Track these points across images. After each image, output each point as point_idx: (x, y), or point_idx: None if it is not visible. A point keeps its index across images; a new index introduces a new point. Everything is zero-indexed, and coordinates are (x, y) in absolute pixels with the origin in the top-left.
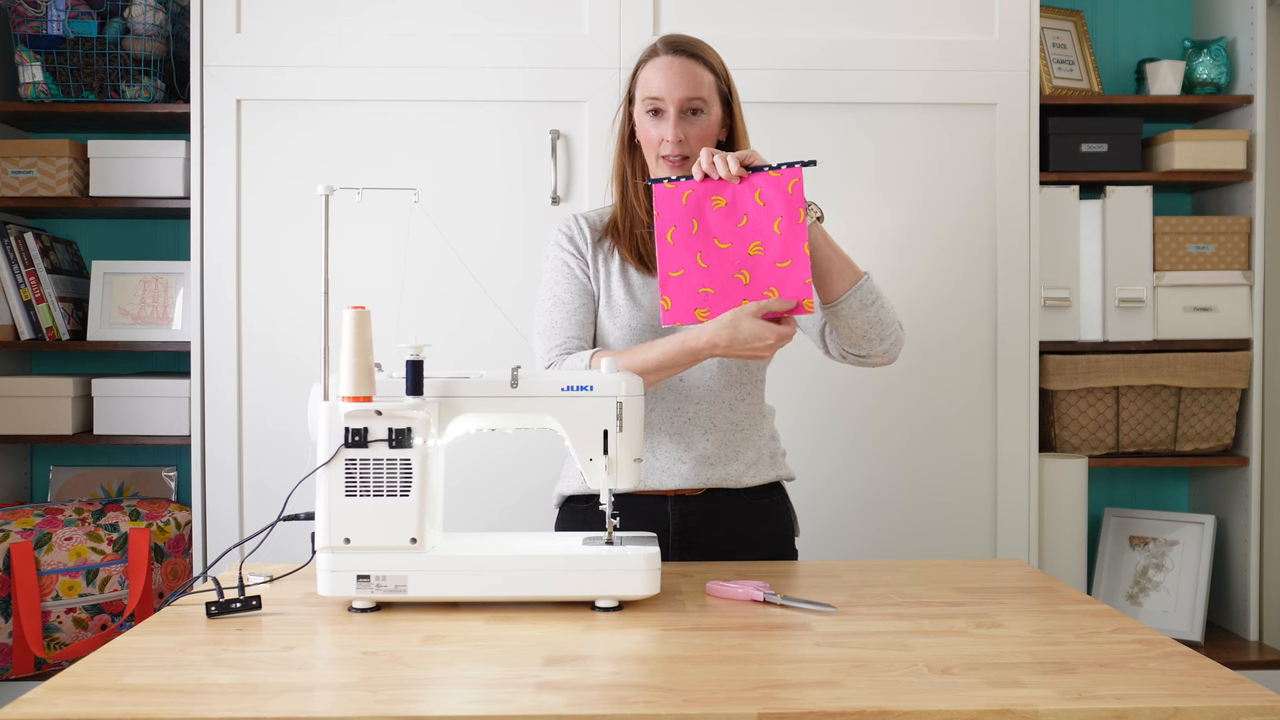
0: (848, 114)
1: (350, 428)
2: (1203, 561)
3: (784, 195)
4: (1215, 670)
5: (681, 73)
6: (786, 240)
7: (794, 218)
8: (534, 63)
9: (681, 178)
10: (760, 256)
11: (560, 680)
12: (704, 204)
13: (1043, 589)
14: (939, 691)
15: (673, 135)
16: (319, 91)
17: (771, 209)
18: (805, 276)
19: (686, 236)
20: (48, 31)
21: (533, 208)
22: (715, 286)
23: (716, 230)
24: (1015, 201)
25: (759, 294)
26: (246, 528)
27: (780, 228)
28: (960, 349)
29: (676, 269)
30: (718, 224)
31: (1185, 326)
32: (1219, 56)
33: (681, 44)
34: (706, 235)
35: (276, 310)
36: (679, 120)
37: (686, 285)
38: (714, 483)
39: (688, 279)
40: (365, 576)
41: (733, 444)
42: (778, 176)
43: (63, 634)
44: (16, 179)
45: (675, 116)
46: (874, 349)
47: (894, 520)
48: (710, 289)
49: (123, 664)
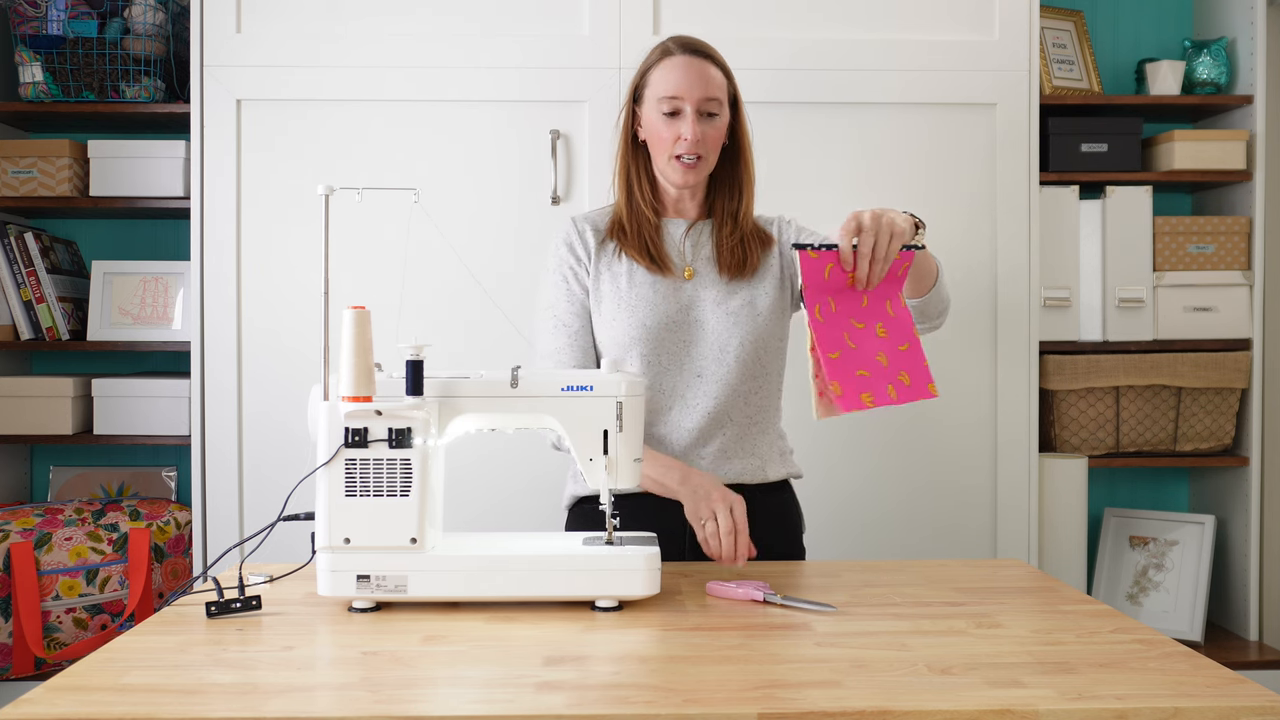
0: (848, 114)
1: (350, 428)
2: (1203, 561)
3: (894, 278)
4: (1215, 670)
5: (699, 73)
6: (901, 323)
7: (899, 301)
8: (534, 63)
9: (823, 246)
10: (886, 339)
11: (560, 680)
12: (840, 279)
13: (1043, 589)
14: (939, 691)
15: (692, 134)
16: (320, 92)
17: (882, 290)
18: (923, 360)
19: (830, 315)
20: (48, 31)
21: (533, 208)
22: (869, 369)
23: (851, 310)
24: (1015, 201)
25: (895, 378)
26: (246, 528)
27: (893, 309)
28: (960, 349)
29: (833, 350)
30: (850, 303)
31: (1185, 326)
32: (1219, 56)
33: (696, 45)
34: (844, 315)
35: (276, 310)
36: (697, 119)
37: (846, 368)
38: (731, 478)
39: (845, 361)
40: (365, 576)
41: (749, 439)
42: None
43: (63, 634)
44: (16, 179)
45: (694, 116)
46: (936, 322)
47: (893, 520)
48: (866, 372)
49: (123, 664)
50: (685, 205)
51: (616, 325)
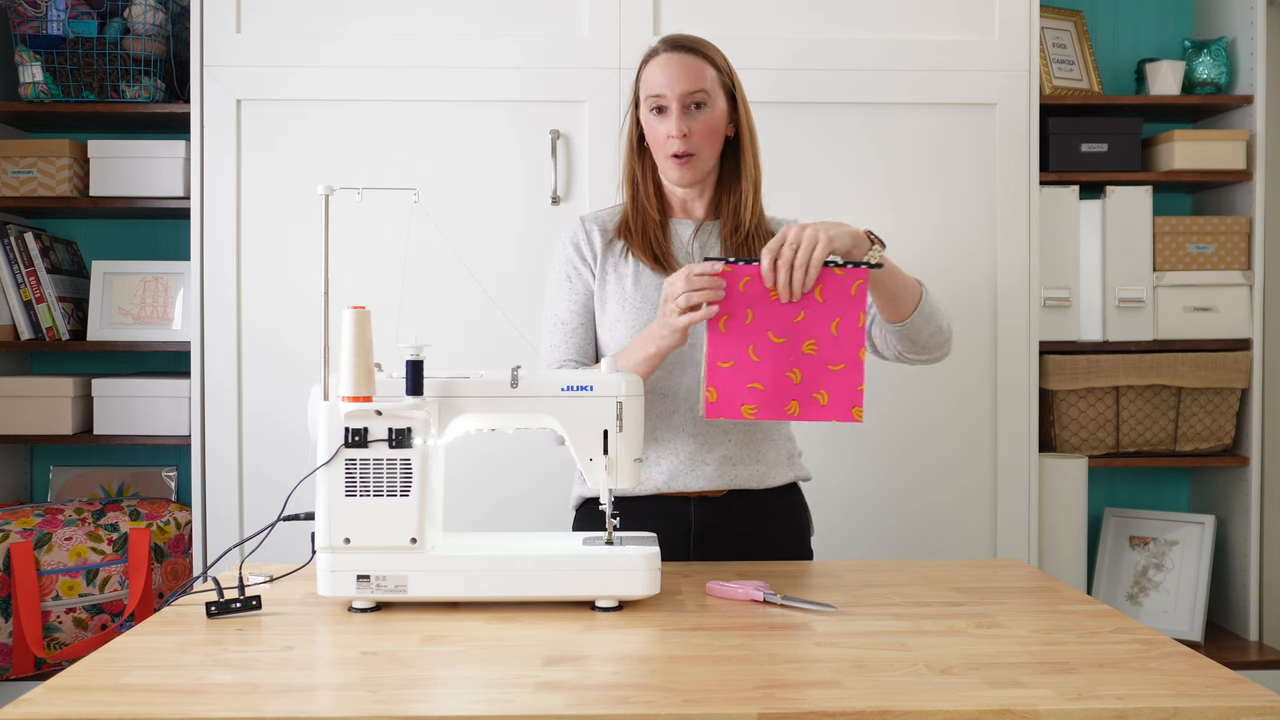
0: (848, 114)
1: (350, 428)
2: (1203, 561)
3: (845, 296)
4: (1215, 670)
5: (681, 67)
6: (843, 343)
7: (854, 321)
8: (534, 63)
9: (741, 261)
10: (814, 356)
11: (560, 680)
12: (762, 293)
13: (1043, 589)
14: (939, 691)
15: (676, 130)
16: (320, 91)
17: (831, 308)
18: (859, 383)
19: (740, 327)
20: (48, 31)
21: (533, 208)
22: (765, 383)
23: (771, 323)
24: (1015, 201)
25: (808, 395)
26: (246, 528)
27: (839, 329)
28: (960, 349)
29: (726, 359)
30: (774, 316)
31: (1185, 326)
32: (1219, 56)
33: (681, 41)
34: (761, 327)
35: (276, 309)
36: (681, 114)
37: (736, 378)
38: (736, 484)
39: (737, 371)
40: (365, 576)
41: (754, 445)
42: (842, 275)
43: (63, 634)
44: (16, 179)
45: (678, 110)
46: (933, 354)
47: (894, 520)
48: (760, 385)
49: (123, 664)
50: (692, 206)
51: (621, 326)
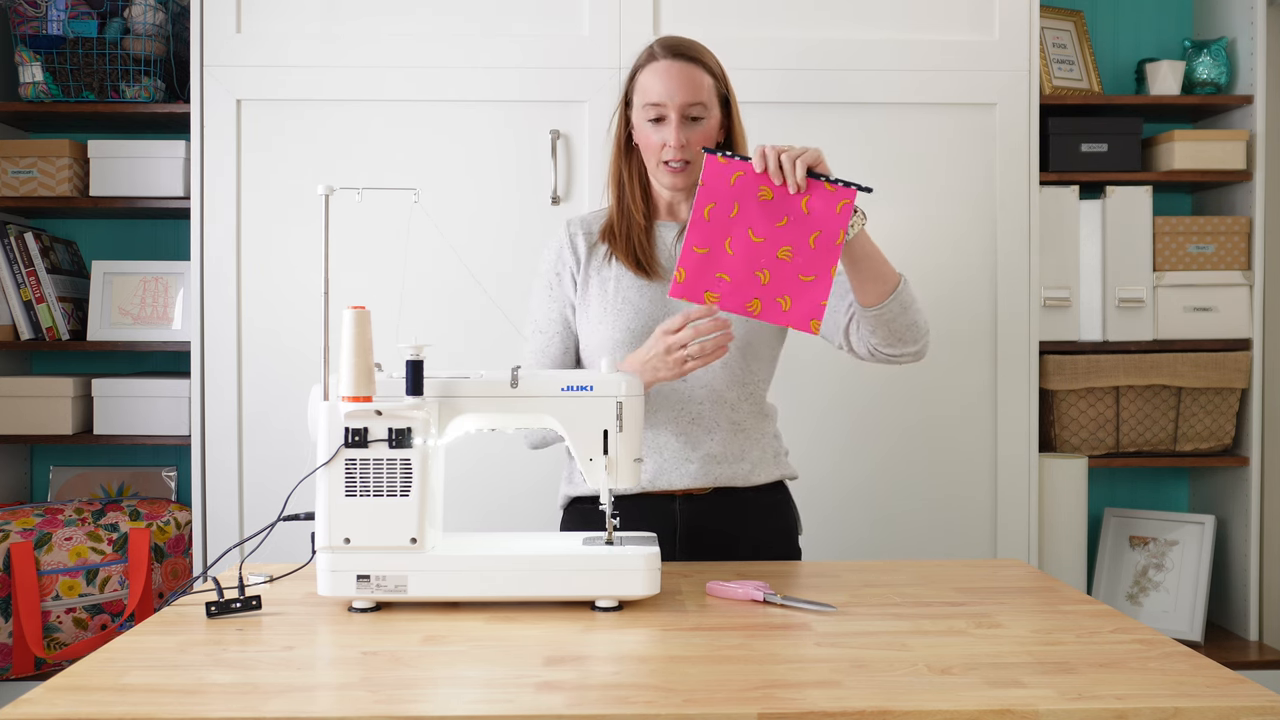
0: (847, 114)
1: (350, 428)
2: (1203, 561)
3: (830, 212)
4: (1215, 670)
5: (681, 77)
6: (819, 256)
7: (833, 237)
8: (534, 63)
9: (739, 156)
10: (787, 262)
11: (560, 680)
12: (751, 190)
13: (1043, 589)
14: (939, 691)
15: (675, 140)
16: (320, 92)
17: (814, 220)
18: (823, 298)
19: (724, 218)
20: (48, 31)
21: (533, 208)
22: (733, 276)
23: (754, 221)
24: (1015, 201)
25: (771, 298)
26: (246, 528)
27: (816, 242)
28: (960, 349)
29: (703, 246)
30: (757, 215)
31: (1185, 326)
32: (1219, 56)
33: (680, 47)
34: (743, 223)
35: (276, 310)
36: (680, 125)
37: (707, 265)
38: (721, 482)
39: (710, 259)
40: (365, 576)
41: (737, 443)
42: (831, 191)
43: (63, 634)
44: (16, 179)
45: (677, 122)
46: (907, 349)
47: (893, 520)
48: (727, 276)
49: (123, 664)
50: (679, 208)
51: (603, 328)
